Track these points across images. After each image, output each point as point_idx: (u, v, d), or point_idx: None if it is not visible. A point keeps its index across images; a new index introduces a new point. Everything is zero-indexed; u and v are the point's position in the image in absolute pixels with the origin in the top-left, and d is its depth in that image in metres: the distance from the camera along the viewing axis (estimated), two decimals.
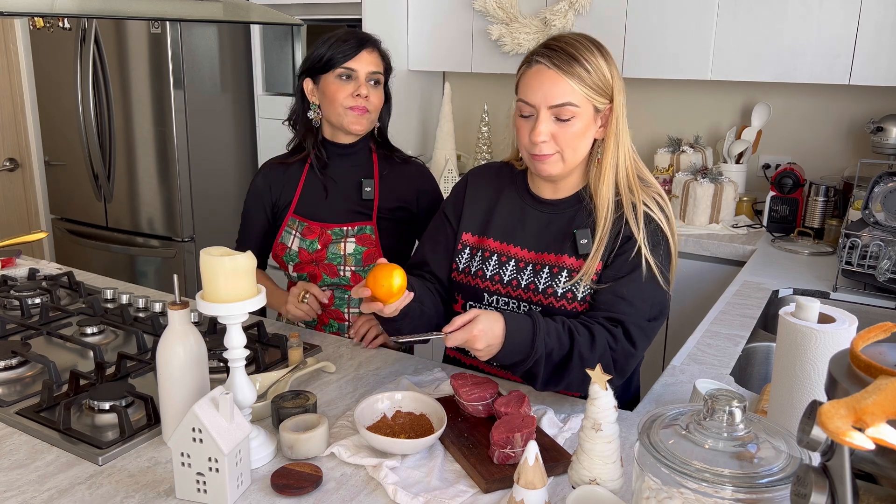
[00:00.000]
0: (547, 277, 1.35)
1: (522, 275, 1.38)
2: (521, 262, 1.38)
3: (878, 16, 2.33)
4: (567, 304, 1.33)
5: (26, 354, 1.44)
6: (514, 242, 1.40)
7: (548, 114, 1.27)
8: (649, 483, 0.79)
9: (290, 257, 1.70)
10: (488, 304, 1.42)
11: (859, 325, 1.00)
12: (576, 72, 1.25)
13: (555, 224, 1.38)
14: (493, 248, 1.42)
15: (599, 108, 1.29)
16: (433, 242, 1.50)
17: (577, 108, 1.26)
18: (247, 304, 1.09)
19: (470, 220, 1.46)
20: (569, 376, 1.25)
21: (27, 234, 2.11)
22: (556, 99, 1.26)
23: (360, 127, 1.65)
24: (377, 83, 1.65)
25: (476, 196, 1.47)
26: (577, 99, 1.26)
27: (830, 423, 0.57)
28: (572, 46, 1.27)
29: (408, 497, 1.03)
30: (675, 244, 1.36)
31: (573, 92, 1.26)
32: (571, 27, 2.84)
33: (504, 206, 1.43)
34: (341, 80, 1.62)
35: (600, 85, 1.27)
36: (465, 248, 1.45)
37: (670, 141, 2.91)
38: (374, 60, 1.63)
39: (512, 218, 1.42)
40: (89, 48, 3.15)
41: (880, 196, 2.06)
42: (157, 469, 1.11)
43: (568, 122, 1.27)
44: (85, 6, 1.27)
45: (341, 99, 1.62)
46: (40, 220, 3.71)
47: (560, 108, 1.26)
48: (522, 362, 1.22)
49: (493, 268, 1.41)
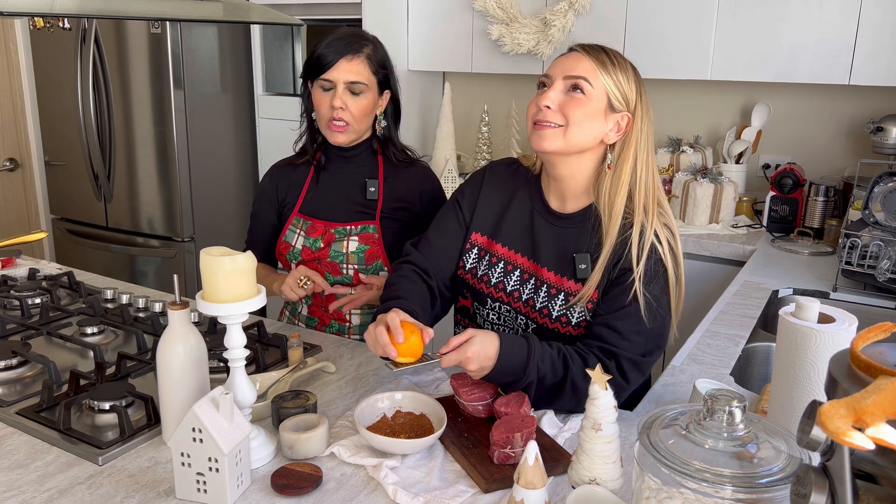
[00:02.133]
0: (544, 297, 1.35)
1: (524, 288, 1.38)
2: (525, 274, 1.38)
3: (878, 16, 2.33)
4: (560, 328, 1.33)
5: (26, 354, 1.44)
6: (521, 251, 1.39)
7: (562, 84, 1.29)
8: (649, 483, 0.79)
9: (294, 255, 1.71)
10: (490, 310, 1.43)
11: (859, 325, 1.00)
12: (601, 58, 1.29)
13: (560, 240, 1.36)
14: (500, 255, 1.41)
15: (615, 107, 1.29)
16: (441, 230, 1.48)
17: (590, 87, 1.27)
18: (247, 304, 1.09)
19: (481, 220, 1.45)
20: (560, 401, 1.26)
21: (27, 234, 2.11)
22: (575, 71, 1.28)
23: (342, 139, 1.64)
24: (358, 93, 1.61)
25: (491, 195, 1.46)
26: (595, 80, 1.27)
27: (830, 423, 0.57)
28: (608, 47, 1.32)
29: (408, 497, 1.03)
30: (680, 277, 1.32)
31: (593, 73, 1.28)
32: (571, 27, 2.84)
33: (515, 209, 1.42)
34: (322, 91, 1.61)
35: (622, 85, 1.28)
36: (473, 248, 1.45)
37: (670, 141, 2.91)
38: (353, 69, 1.59)
39: (521, 224, 1.41)
40: (89, 48, 3.15)
41: (880, 196, 2.06)
42: (157, 469, 1.11)
43: (579, 96, 1.27)
44: (85, 6, 1.27)
45: (323, 111, 1.62)
46: (40, 220, 3.71)
47: (576, 80, 1.28)
48: (514, 384, 1.23)
49: (498, 275, 1.40)
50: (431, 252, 1.47)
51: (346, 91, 1.60)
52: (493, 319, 1.43)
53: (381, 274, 1.68)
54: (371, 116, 1.67)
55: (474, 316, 1.47)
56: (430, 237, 1.48)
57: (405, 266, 1.45)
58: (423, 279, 1.43)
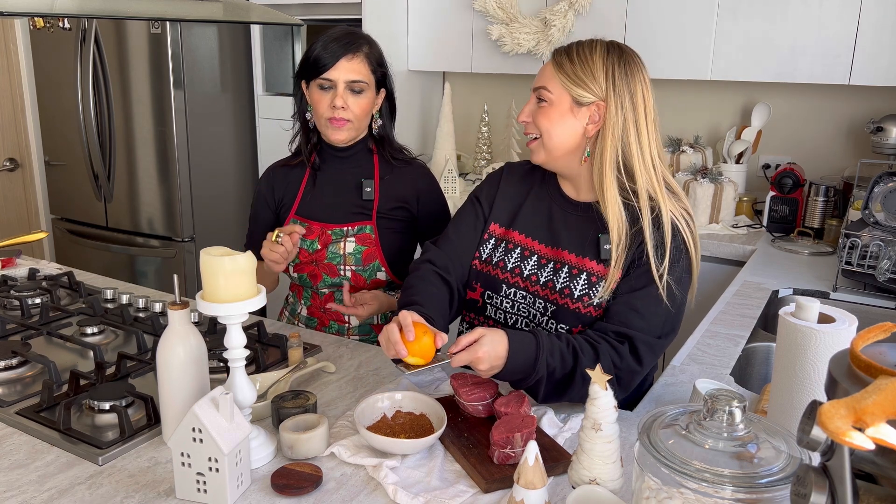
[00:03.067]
0: (566, 278, 1.35)
1: (543, 271, 1.38)
2: (542, 259, 1.39)
3: (878, 16, 2.33)
4: (582, 307, 1.33)
5: (26, 354, 1.44)
6: (538, 238, 1.40)
7: (533, 96, 1.36)
8: (649, 483, 0.79)
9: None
10: (505, 297, 1.42)
11: (859, 325, 1.00)
12: (560, 60, 1.32)
13: (581, 225, 1.37)
14: (517, 241, 1.42)
15: (581, 101, 1.30)
16: (459, 224, 1.49)
17: (550, 93, 1.32)
18: (247, 304, 1.09)
19: (500, 212, 1.46)
20: (570, 393, 1.26)
21: (27, 234, 2.11)
22: (538, 81, 1.34)
23: (341, 137, 1.63)
24: (359, 91, 1.61)
25: (509, 190, 1.48)
26: (553, 86, 1.32)
27: (830, 423, 0.57)
28: (580, 44, 1.33)
29: (408, 497, 1.03)
30: (698, 262, 1.34)
31: (551, 78, 1.32)
32: (571, 27, 2.84)
33: (532, 201, 1.44)
34: (321, 90, 1.60)
35: (582, 77, 1.29)
36: (490, 238, 1.45)
37: (670, 141, 2.91)
38: (354, 68, 1.59)
39: (539, 214, 1.42)
40: (89, 48, 3.15)
41: (880, 196, 2.06)
42: (157, 469, 1.11)
43: (543, 105, 1.33)
44: (85, 6, 1.27)
45: (322, 110, 1.61)
46: (40, 220, 3.71)
47: (539, 91, 1.34)
48: (524, 380, 1.24)
49: (514, 260, 1.41)
50: (451, 248, 1.47)
51: (347, 90, 1.60)
52: (507, 307, 1.42)
53: (379, 275, 1.68)
54: (370, 115, 1.67)
55: (483, 308, 1.46)
56: (450, 233, 1.50)
57: (424, 266, 1.45)
58: (442, 279, 1.44)
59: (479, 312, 1.48)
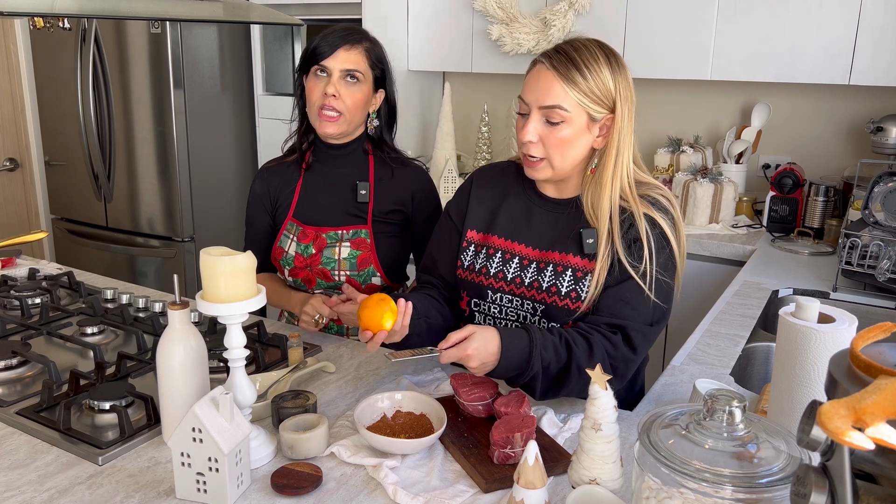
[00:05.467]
0: (551, 276, 1.34)
1: (526, 272, 1.37)
2: (524, 260, 1.38)
3: (878, 16, 2.33)
4: (570, 304, 1.32)
5: (26, 354, 1.44)
6: (518, 240, 1.40)
7: (539, 114, 1.28)
8: (649, 483, 0.79)
9: (287, 261, 1.69)
10: (492, 302, 1.41)
11: (859, 325, 1.00)
12: (571, 76, 1.25)
13: (560, 223, 1.37)
14: (497, 246, 1.41)
15: (595, 118, 1.28)
16: (438, 242, 1.51)
17: (566, 112, 1.25)
18: (247, 304, 1.09)
19: (475, 218, 1.45)
20: (567, 386, 1.26)
21: (27, 234, 2.11)
22: (548, 100, 1.26)
23: (331, 131, 1.60)
24: (355, 81, 1.59)
25: (481, 195, 1.46)
26: (569, 104, 1.25)
27: (830, 423, 0.57)
28: (577, 51, 1.27)
29: (408, 497, 1.03)
30: (683, 245, 1.34)
31: (565, 96, 1.25)
32: (571, 27, 2.84)
33: (510, 204, 1.43)
34: (316, 76, 1.58)
35: (597, 93, 1.26)
36: (469, 245, 1.45)
37: (670, 141, 2.91)
38: (352, 58, 1.57)
39: (517, 216, 1.41)
40: (89, 48, 3.15)
41: (880, 196, 2.06)
42: (157, 469, 1.11)
43: (557, 126, 1.27)
44: (85, 6, 1.27)
45: (314, 98, 1.59)
46: (40, 220, 3.71)
47: (550, 111, 1.26)
48: (519, 377, 1.24)
49: (496, 265, 1.40)
50: (435, 263, 1.49)
51: (341, 79, 1.58)
52: (495, 313, 1.42)
53: (374, 280, 1.67)
54: (363, 111, 1.64)
55: (471, 316, 1.46)
56: (430, 251, 1.52)
57: (420, 290, 1.48)
58: (440, 293, 1.46)
59: (468, 321, 1.47)
